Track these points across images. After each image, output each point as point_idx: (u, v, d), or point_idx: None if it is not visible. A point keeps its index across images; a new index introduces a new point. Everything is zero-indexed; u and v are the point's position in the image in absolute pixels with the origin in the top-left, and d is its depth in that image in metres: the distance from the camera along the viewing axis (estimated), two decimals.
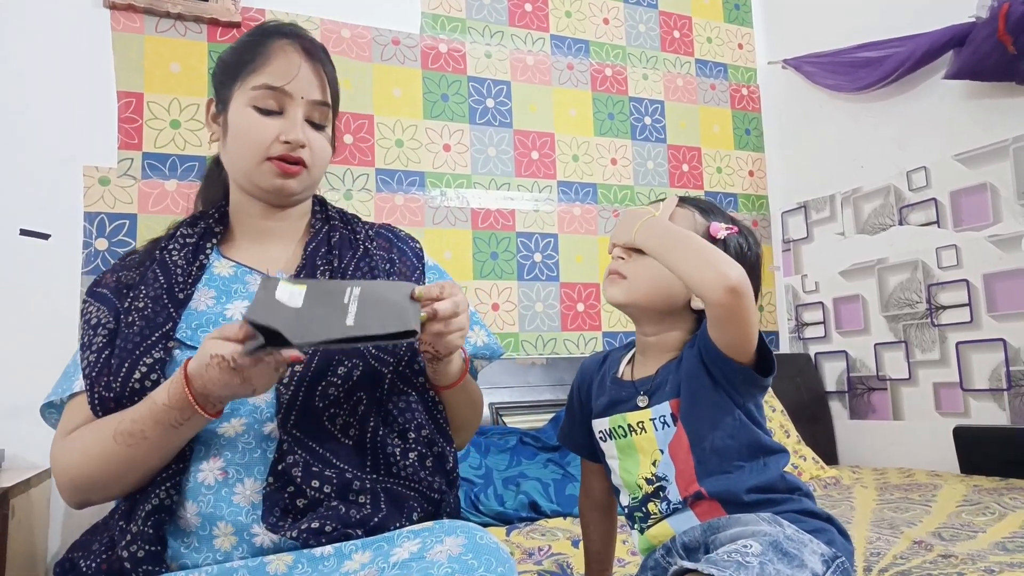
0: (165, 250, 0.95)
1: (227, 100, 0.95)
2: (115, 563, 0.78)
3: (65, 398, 0.91)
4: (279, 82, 0.91)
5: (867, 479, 2.12)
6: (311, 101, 0.94)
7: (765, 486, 0.88)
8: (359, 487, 0.83)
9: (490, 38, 2.52)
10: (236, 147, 0.93)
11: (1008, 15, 1.99)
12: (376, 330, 0.74)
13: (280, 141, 0.91)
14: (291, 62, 0.93)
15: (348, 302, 0.75)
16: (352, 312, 0.74)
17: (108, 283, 0.94)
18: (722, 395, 0.90)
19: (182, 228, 0.99)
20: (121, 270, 0.96)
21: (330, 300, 0.75)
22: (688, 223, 0.97)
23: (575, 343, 2.48)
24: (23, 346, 1.77)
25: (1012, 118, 2.15)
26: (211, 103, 1.00)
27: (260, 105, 0.91)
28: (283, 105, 0.92)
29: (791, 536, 0.80)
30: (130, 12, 1.99)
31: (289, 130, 0.91)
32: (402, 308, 0.78)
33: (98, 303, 0.92)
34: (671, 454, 0.92)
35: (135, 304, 0.88)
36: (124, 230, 1.91)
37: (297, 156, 0.92)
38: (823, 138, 2.76)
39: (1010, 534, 1.37)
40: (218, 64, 0.99)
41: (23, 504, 1.46)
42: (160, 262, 0.93)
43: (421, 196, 2.33)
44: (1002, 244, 2.15)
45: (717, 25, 2.98)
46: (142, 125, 1.98)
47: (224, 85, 0.96)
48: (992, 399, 2.16)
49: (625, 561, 1.31)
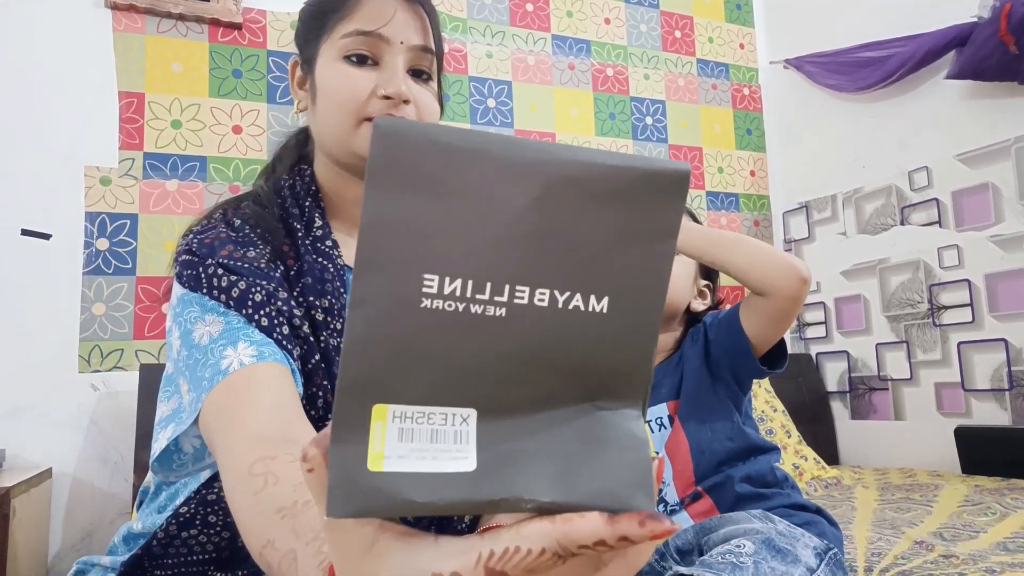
0: (314, 245, 0.77)
1: (313, 58, 0.81)
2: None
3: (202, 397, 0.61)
4: (372, 26, 0.76)
5: (868, 479, 2.12)
6: (412, 47, 0.78)
7: (756, 476, 0.90)
8: None
9: (491, 38, 2.52)
10: (327, 109, 0.78)
11: (1010, 15, 1.98)
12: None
13: (379, 96, 0.76)
14: (385, 2, 0.78)
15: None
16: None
17: (237, 260, 0.70)
18: (721, 396, 0.91)
19: (293, 203, 0.80)
20: (239, 245, 0.73)
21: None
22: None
23: None
24: (23, 346, 1.77)
25: (1014, 118, 2.14)
26: (295, 66, 0.86)
27: (353, 54, 0.77)
28: (380, 54, 0.78)
29: (783, 532, 0.80)
30: (131, 12, 1.99)
31: (388, 81, 0.76)
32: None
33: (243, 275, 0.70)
34: (668, 455, 0.92)
35: (331, 320, 0.72)
36: (125, 230, 1.91)
37: (401, 113, 0.77)
38: (825, 138, 2.75)
39: (1012, 534, 1.37)
40: (300, 18, 0.85)
41: (23, 504, 1.46)
42: (328, 258, 0.77)
43: None
44: (1004, 244, 2.15)
45: (718, 25, 2.97)
46: (143, 125, 1.98)
47: (308, 42, 0.82)
48: (994, 399, 2.16)
49: None
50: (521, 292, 0.28)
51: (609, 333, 0.29)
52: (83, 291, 1.84)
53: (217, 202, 0.83)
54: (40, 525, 1.64)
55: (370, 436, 0.27)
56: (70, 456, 1.75)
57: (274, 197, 0.80)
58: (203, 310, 0.66)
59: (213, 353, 0.62)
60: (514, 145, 0.27)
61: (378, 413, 0.27)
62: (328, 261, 0.75)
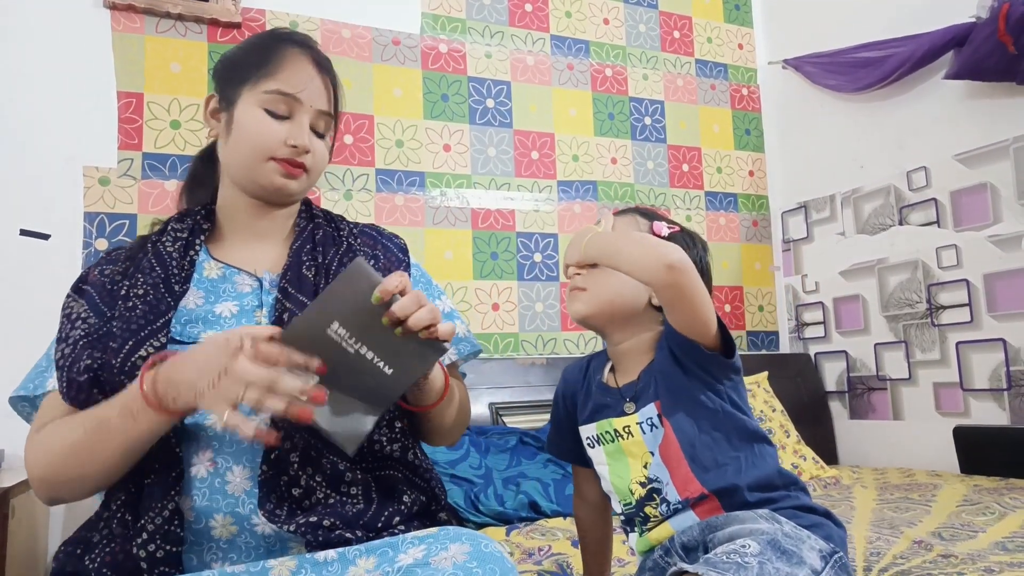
0: (159, 243, 0.97)
1: (233, 99, 0.97)
2: (121, 559, 0.78)
3: (38, 394, 0.92)
4: (292, 89, 0.95)
5: (867, 479, 2.12)
6: (318, 111, 0.98)
7: (765, 483, 0.89)
8: (350, 479, 0.85)
9: (490, 38, 2.52)
10: (241, 144, 0.96)
11: (1008, 15, 1.99)
12: (412, 375, 0.82)
13: (288, 145, 0.95)
14: (304, 71, 0.97)
15: (364, 354, 0.78)
16: (379, 362, 0.79)
17: (93, 280, 0.95)
18: (697, 386, 0.92)
19: (173, 223, 1.01)
20: (107, 264, 0.97)
21: (352, 366, 0.78)
22: (632, 227, 1.03)
23: (575, 343, 2.48)
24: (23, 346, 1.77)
25: (1012, 118, 2.15)
26: (211, 99, 1.02)
27: (271, 108, 0.95)
28: (292, 111, 0.96)
29: (789, 533, 0.80)
30: (130, 12, 1.99)
31: (297, 135, 0.95)
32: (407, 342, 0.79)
33: (80, 298, 0.93)
34: (662, 456, 0.92)
35: (134, 291, 0.89)
36: (124, 230, 1.91)
37: (301, 160, 0.96)
38: (823, 138, 2.76)
39: (1010, 534, 1.37)
40: (224, 62, 1.01)
41: (23, 504, 1.46)
42: (155, 253, 0.95)
43: (421, 196, 2.33)
44: (1002, 244, 2.15)
45: (717, 25, 2.98)
46: (142, 125, 1.98)
47: (231, 84, 0.98)
48: (992, 399, 2.16)
49: (625, 561, 1.31)
50: (364, 347, 0.78)
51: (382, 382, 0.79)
52: None
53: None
54: (40, 525, 1.64)
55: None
56: None
57: (159, 235, 1.01)
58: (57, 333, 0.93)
59: (49, 370, 0.92)
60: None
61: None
62: (156, 255, 0.96)
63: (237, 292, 0.95)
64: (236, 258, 0.99)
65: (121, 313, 0.87)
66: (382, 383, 0.78)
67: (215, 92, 1.01)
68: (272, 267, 0.99)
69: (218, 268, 0.98)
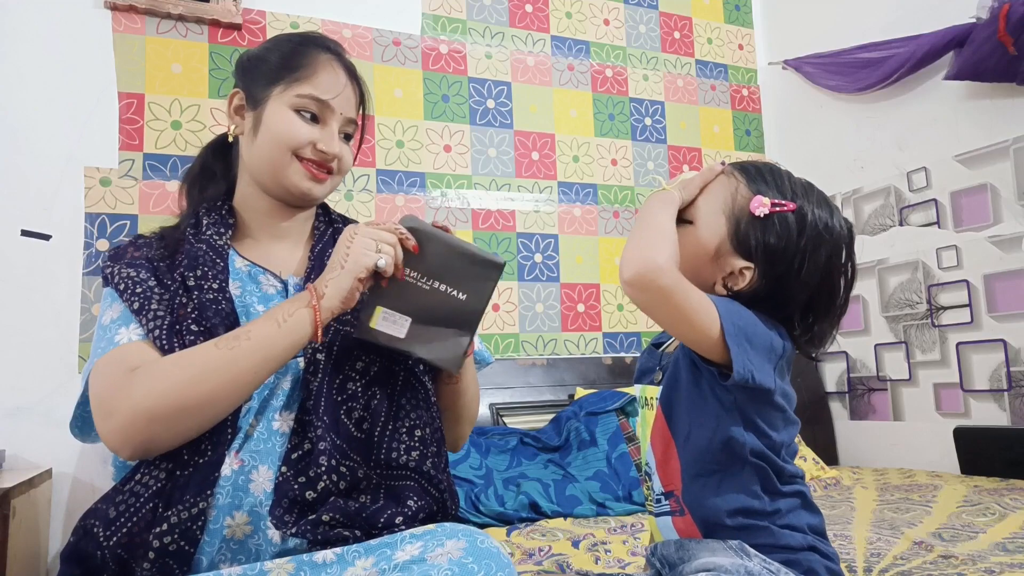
0: (200, 236, 0.97)
1: (261, 98, 0.98)
2: (138, 542, 0.78)
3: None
4: (325, 95, 0.97)
5: (867, 480, 2.12)
6: (347, 118, 1.01)
7: (745, 508, 0.83)
8: (364, 485, 0.86)
9: (491, 39, 2.52)
10: (269, 144, 0.96)
11: (1008, 16, 1.99)
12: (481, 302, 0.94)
13: (316, 148, 0.97)
14: (338, 78, 1.00)
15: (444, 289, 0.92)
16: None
17: (136, 257, 0.94)
18: (706, 389, 0.84)
19: (203, 216, 1.01)
20: (143, 247, 0.97)
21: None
22: (726, 194, 0.86)
23: (575, 344, 2.48)
24: (24, 347, 1.77)
25: (1012, 119, 2.15)
26: (235, 95, 1.02)
27: (304, 111, 0.97)
28: (324, 116, 0.98)
29: (753, 571, 0.76)
30: (131, 13, 2.00)
31: (329, 142, 0.98)
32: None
33: (133, 269, 0.92)
34: (652, 441, 0.89)
35: (205, 283, 0.91)
36: (125, 231, 1.91)
37: (330, 165, 0.99)
38: (823, 139, 2.76)
39: (1011, 535, 1.37)
40: (252, 60, 1.02)
41: (24, 504, 1.46)
42: (210, 246, 0.96)
43: (422, 197, 2.33)
44: (1002, 245, 2.15)
45: (717, 26, 2.98)
46: (143, 126, 1.98)
47: (259, 83, 0.99)
48: (992, 400, 2.16)
49: (625, 562, 1.31)
50: (436, 282, 0.92)
51: (462, 307, 0.92)
52: (83, 291, 1.84)
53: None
54: (40, 525, 1.64)
55: (373, 314, 0.89)
56: (70, 456, 1.76)
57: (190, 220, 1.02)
58: (112, 300, 0.93)
59: (111, 328, 0.89)
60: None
61: (378, 311, 0.90)
62: (207, 246, 0.96)
63: (263, 293, 0.96)
64: (260, 257, 1.01)
65: (199, 299, 0.89)
66: (461, 307, 0.91)
67: (240, 89, 1.02)
68: (295, 270, 1.01)
69: (245, 265, 0.99)
